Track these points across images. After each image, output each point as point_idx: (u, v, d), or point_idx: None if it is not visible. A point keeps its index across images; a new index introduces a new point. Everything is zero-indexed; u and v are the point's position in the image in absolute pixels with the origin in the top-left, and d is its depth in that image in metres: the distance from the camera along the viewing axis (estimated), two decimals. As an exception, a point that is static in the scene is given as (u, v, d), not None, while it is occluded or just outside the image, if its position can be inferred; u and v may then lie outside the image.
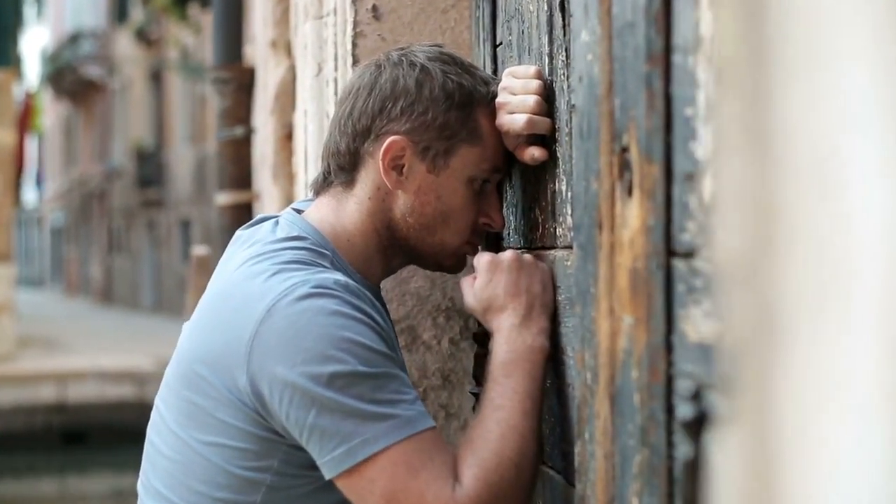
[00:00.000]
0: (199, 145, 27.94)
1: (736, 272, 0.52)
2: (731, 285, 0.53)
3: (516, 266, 1.85)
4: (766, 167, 0.51)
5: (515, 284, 1.84)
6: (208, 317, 1.84)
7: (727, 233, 0.53)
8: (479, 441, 1.76)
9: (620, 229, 1.42)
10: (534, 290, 1.84)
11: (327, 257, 1.85)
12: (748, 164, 0.53)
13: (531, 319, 1.82)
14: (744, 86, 0.54)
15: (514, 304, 1.83)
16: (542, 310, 1.83)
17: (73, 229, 44.54)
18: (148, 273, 32.68)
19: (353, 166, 1.92)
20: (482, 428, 1.77)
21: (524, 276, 1.84)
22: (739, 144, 0.54)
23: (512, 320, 1.82)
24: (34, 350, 17.98)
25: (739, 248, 0.52)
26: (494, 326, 1.85)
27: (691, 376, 1.22)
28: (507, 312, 1.83)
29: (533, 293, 1.83)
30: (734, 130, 0.55)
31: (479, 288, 1.87)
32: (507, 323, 1.83)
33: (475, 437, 1.77)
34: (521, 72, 1.89)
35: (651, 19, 1.32)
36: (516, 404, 1.77)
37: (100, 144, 38.65)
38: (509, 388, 1.78)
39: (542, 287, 1.84)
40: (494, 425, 1.76)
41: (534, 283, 1.84)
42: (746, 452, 0.54)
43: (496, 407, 1.78)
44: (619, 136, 1.42)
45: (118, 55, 35.36)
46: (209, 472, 1.80)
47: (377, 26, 2.31)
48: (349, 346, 1.71)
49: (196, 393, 1.79)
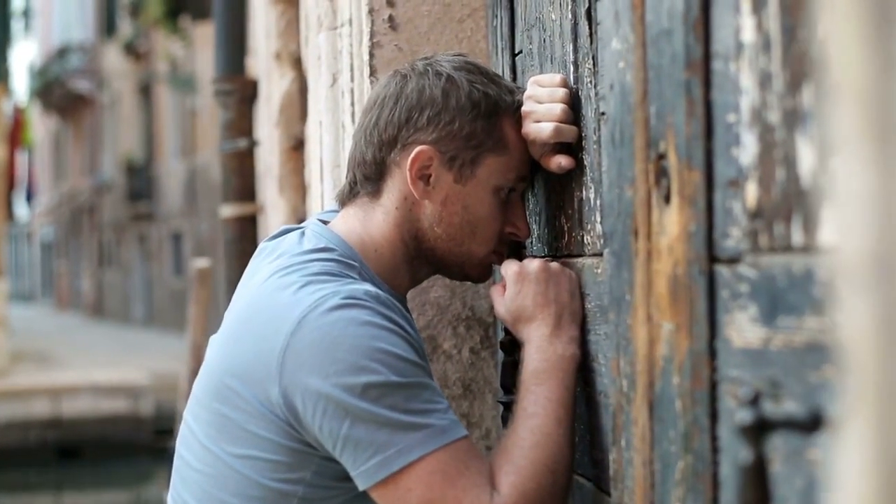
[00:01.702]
0: (190, 158, 27.91)
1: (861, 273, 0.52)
2: (855, 286, 0.53)
3: (544, 276, 1.86)
4: (889, 166, 0.52)
5: (544, 294, 1.85)
6: (238, 329, 1.83)
7: (851, 234, 0.54)
8: (515, 449, 1.76)
9: (658, 236, 1.42)
10: (562, 300, 1.85)
11: (355, 269, 1.85)
12: (869, 164, 0.53)
13: (561, 328, 1.83)
14: (865, 86, 0.54)
15: (543, 315, 1.84)
16: (571, 318, 1.84)
17: (63, 243, 44.46)
18: (139, 287, 32.63)
19: (379, 176, 1.92)
20: (516, 436, 1.78)
21: (552, 285, 1.86)
22: (859, 147, 0.54)
23: (542, 330, 1.84)
24: (27, 365, 17.93)
25: (865, 248, 0.52)
26: (525, 337, 1.86)
27: (739, 381, 1.22)
28: (536, 322, 1.85)
29: (561, 302, 1.85)
30: (853, 132, 0.55)
31: (509, 299, 1.89)
32: (537, 333, 1.84)
33: (510, 445, 1.77)
34: (547, 80, 1.89)
35: (689, 26, 1.32)
36: (550, 412, 1.78)
37: (89, 158, 38.60)
38: (542, 396, 1.79)
39: (570, 296, 1.85)
40: (529, 433, 1.77)
41: (562, 291, 1.85)
42: (869, 455, 0.54)
43: (530, 415, 1.79)
44: (655, 144, 1.42)
45: (107, 69, 35.34)
46: (241, 485, 1.79)
47: (394, 36, 2.32)
48: (382, 356, 1.71)
49: (227, 406, 1.79)
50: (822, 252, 1.06)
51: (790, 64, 1.12)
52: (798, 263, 1.10)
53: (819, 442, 1.07)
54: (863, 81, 0.56)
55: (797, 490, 1.10)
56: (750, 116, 1.21)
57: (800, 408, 1.07)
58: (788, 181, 1.12)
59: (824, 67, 1.01)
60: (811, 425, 1.04)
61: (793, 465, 1.11)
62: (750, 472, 1.03)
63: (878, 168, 0.54)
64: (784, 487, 1.12)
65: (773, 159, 1.16)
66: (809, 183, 1.09)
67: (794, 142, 1.11)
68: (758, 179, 1.19)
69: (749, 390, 1.06)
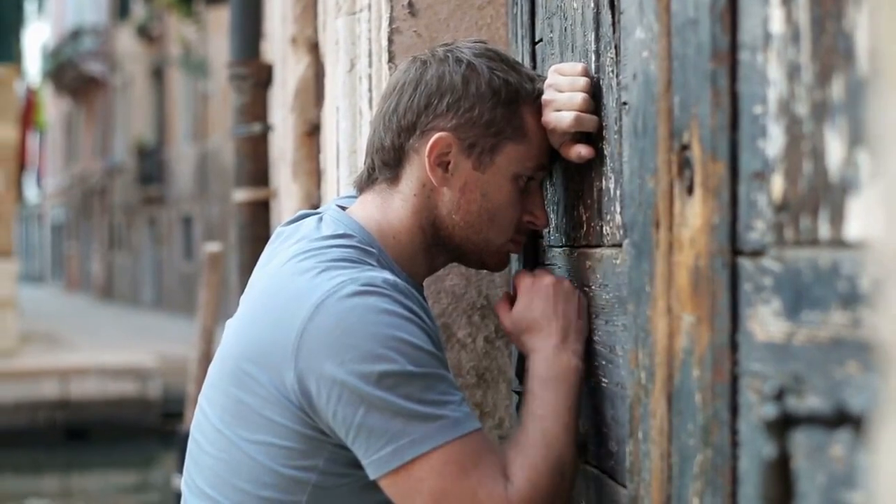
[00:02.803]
0: (201, 142, 27.91)
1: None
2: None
3: (554, 291, 1.90)
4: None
5: (553, 308, 1.89)
6: (254, 314, 1.82)
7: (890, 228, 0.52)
8: (528, 447, 1.78)
9: (680, 227, 1.41)
10: (570, 316, 1.89)
11: (373, 255, 1.85)
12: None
13: (567, 342, 1.87)
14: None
15: (551, 327, 1.88)
16: (576, 335, 1.88)
17: (73, 226, 44.51)
18: (149, 270, 32.66)
19: (397, 162, 1.91)
20: (527, 435, 1.80)
21: (562, 301, 1.89)
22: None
23: (550, 341, 1.87)
24: (36, 346, 17.97)
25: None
26: (531, 346, 1.89)
27: (761, 376, 1.21)
28: (544, 333, 1.88)
29: (569, 318, 1.88)
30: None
31: (518, 310, 1.92)
32: (545, 343, 1.87)
33: (522, 442, 1.79)
34: (568, 69, 1.88)
35: (717, 16, 1.31)
36: (558, 417, 1.81)
37: (101, 141, 38.62)
38: (550, 402, 1.82)
39: (577, 314, 1.89)
40: (540, 434, 1.80)
41: (570, 309, 1.89)
42: None
43: (539, 417, 1.81)
44: (678, 134, 1.41)
45: (120, 52, 35.32)
46: (255, 471, 1.79)
47: (413, 22, 2.31)
48: (399, 344, 1.70)
49: (243, 391, 1.78)
50: (849, 246, 1.05)
51: (819, 55, 1.11)
52: (824, 257, 1.09)
53: (842, 438, 1.06)
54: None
55: (819, 486, 1.09)
56: (777, 108, 1.19)
57: (823, 403, 1.06)
58: (816, 174, 1.11)
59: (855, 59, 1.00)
60: (835, 421, 1.03)
61: (815, 461, 1.10)
62: (772, 467, 1.02)
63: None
64: (805, 483, 1.11)
65: (800, 152, 1.14)
66: (837, 176, 1.07)
67: (823, 134, 1.10)
68: (784, 172, 1.18)
69: (774, 384, 1.05)
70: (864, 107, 1.02)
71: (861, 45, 1.03)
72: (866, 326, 1.01)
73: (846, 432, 1.03)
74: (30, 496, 12.98)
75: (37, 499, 12.93)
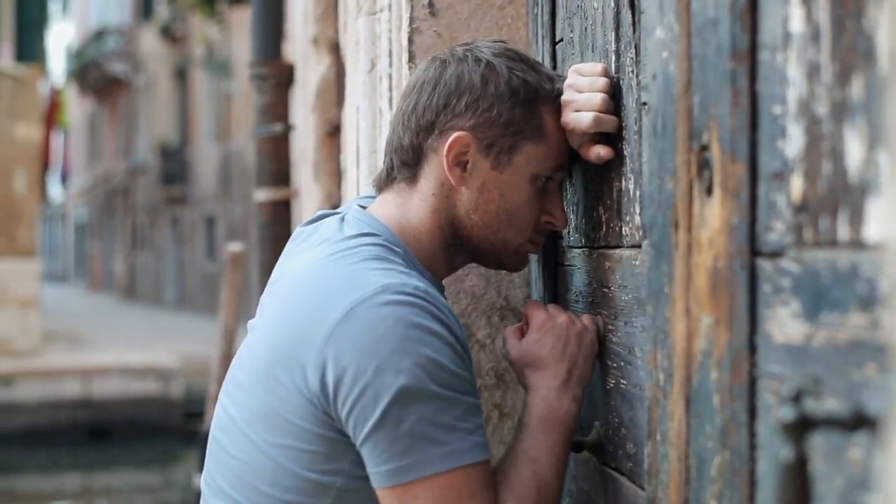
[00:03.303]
0: (224, 142, 27.97)
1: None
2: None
3: (566, 332, 1.90)
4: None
5: (562, 349, 1.89)
6: (283, 317, 1.81)
7: None
8: (520, 489, 1.80)
9: (699, 228, 1.40)
10: (576, 360, 1.89)
11: (399, 254, 1.84)
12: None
13: (569, 386, 1.88)
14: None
15: (555, 367, 1.88)
16: (579, 380, 1.89)
17: (97, 225, 44.68)
18: (171, 269, 32.76)
19: (416, 162, 1.91)
20: (520, 476, 1.81)
21: (572, 344, 1.89)
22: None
23: (552, 382, 1.88)
24: (59, 345, 18.03)
25: None
26: (533, 383, 1.89)
27: (780, 378, 1.20)
28: (548, 372, 1.88)
29: (574, 362, 1.89)
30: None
31: (527, 343, 1.92)
32: (546, 383, 1.88)
33: (514, 483, 1.80)
34: (588, 69, 1.87)
35: (737, 16, 1.30)
36: (551, 463, 1.83)
37: (124, 141, 38.76)
38: (546, 445, 1.84)
39: (584, 360, 1.90)
40: (533, 477, 1.81)
41: (579, 353, 1.89)
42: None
43: (532, 459, 1.83)
44: (697, 135, 1.40)
45: (143, 52, 35.45)
46: (277, 475, 1.78)
47: (433, 22, 2.30)
48: (424, 361, 1.70)
49: (271, 395, 1.77)
50: (868, 248, 1.04)
51: (839, 55, 1.10)
52: (843, 259, 1.08)
53: (860, 441, 1.05)
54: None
55: (837, 489, 1.08)
56: (797, 108, 1.18)
57: (842, 406, 1.06)
58: (835, 175, 1.10)
59: (875, 59, 0.99)
60: (853, 424, 1.02)
61: (833, 464, 1.09)
62: (790, 470, 1.01)
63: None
64: (823, 486, 1.10)
65: (819, 152, 1.13)
66: (857, 177, 1.06)
67: (843, 135, 1.09)
68: (803, 172, 1.17)
69: (792, 386, 1.04)
70: (885, 107, 1.01)
71: (882, 45, 1.03)
72: (885, 328, 1.00)
73: (864, 435, 1.03)
74: (52, 495, 13.03)
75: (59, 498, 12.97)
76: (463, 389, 1.74)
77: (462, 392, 1.74)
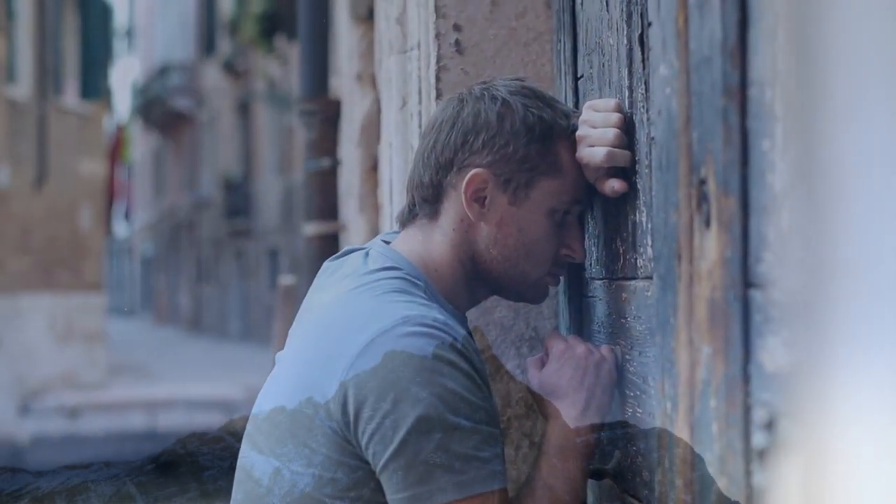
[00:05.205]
0: (287, 175, 28.18)
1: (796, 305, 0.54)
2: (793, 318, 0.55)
3: (584, 362, 1.94)
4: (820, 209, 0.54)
5: (580, 380, 1.93)
6: (307, 347, 1.88)
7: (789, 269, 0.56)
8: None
9: (699, 261, 1.44)
10: (595, 391, 1.93)
11: (420, 287, 1.90)
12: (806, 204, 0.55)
13: (587, 415, 1.92)
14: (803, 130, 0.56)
15: (574, 397, 1.93)
16: (597, 410, 1.93)
17: (162, 259, 45.10)
18: (236, 302, 32.99)
19: (436, 198, 1.96)
20: (536, 503, 1.88)
21: (590, 374, 1.93)
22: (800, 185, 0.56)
23: (571, 411, 1.92)
24: (125, 378, 18.24)
25: (799, 283, 0.54)
26: (551, 412, 1.95)
27: (767, 405, 1.23)
28: (566, 401, 1.93)
29: (593, 392, 1.93)
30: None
31: (547, 373, 1.96)
32: (565, 412, 1.93)
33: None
34: (601, 105, 1.92)
35: (727, 54, 1.34)
36: (568, 491, 1.89)
37: (189, 175, 39.13)
38: (563, 473, 1.89)
39: (601, 389, 1.93)
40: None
41: (597, 383, 1.93)
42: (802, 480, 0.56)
43: (549, 487, 1.89)
44: (697, 169, 1.44)
45: (206, 87, 35.81)
46: (301, 502, 1.83)
47: (460, 60, 2.35)
48: (442, 391, 1.75)
49: (295, 424, 1.83)
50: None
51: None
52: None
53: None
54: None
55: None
56: (784, 143, 1.22)
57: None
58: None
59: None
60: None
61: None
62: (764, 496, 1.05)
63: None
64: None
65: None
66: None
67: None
68: (790, 205, 1.20)
69: (765, 414, 1.08)
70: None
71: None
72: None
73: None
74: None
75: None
76: (480, 419, 1.78)
77: (479, 421, 1.78)
